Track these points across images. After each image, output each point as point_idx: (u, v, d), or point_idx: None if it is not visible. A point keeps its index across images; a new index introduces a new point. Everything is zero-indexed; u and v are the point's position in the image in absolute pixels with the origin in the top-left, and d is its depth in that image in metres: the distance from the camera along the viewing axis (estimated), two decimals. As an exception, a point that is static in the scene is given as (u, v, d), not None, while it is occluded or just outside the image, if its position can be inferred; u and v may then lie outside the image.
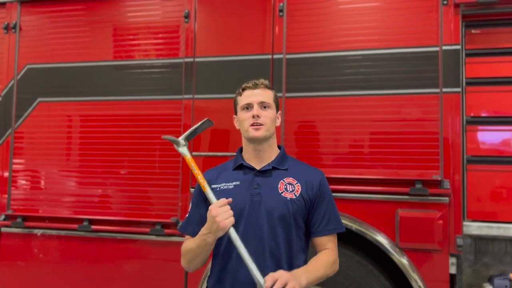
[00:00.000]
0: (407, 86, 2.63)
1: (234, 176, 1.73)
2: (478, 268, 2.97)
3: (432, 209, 2.53)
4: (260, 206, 1.64)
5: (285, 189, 1.68)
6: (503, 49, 2.66)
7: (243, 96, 1.75)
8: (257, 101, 1.71)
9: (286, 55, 2.82)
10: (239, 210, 1.63)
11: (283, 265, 1.62)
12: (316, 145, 2.73)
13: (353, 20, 2.76)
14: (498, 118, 2.64)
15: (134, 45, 3.13)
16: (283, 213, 1.64)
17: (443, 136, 2.54)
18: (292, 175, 1.71)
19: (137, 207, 3.00)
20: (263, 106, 1.71)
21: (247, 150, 1.76)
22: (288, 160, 1.79)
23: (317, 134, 2.74)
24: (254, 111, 1.69)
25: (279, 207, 1.64)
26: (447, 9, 2.59)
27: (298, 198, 1.66)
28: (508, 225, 2.56)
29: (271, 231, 1.63)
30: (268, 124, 1.70)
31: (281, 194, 1.66)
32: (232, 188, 1.69)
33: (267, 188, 1.68)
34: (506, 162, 2.61)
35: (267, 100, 1.73)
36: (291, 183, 1.69)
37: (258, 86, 1.74)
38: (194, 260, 1.68)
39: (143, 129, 3.03)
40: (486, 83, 2.66)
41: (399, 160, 2.61)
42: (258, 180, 1.69)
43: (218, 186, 1.72)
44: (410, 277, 2.52)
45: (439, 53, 2.58)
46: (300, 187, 1.69)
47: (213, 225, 1.53)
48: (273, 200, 1.65)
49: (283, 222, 1.64)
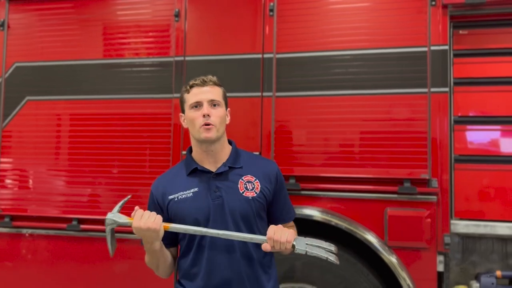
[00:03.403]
0: (396, 86, 2.65)
1: (190, 183, 1.68)
2: (465, 266, 3.00)
3: (420, 207, 2.56)
4: (224, 209, 1.64)
5: (245, 189, 1.67)
6: (491, 50, 2.70)
7: (191, 93, 1.68)
8: (206, 99, 1.65)
9: (276, 55, 2.83)
10: (204, 216, 1.63)
11: (253, 258, 1.66)
12: (305, 145, 2.74)
13: (342, 20, 2.78)
14: (485, 118, 2.68)
15: (124, 44, 3.11)
16: (247, 212, 1.65)
17: (431, 136, 2.57)
18: (249, 172, 1.70)
19: (127, 207, 2.98)
20: (213, 104, 1.67)
21: (198, 151, 1.71)
22: (242, 156, 1.77)
23: (307, 133, 2.75)
24: (204, 110, 1.63)
25: (243, 207, 1.65)
26: (435, 10, 2.62)
27: (259, 195, 1.67)
28: (494, 223, 2.60)
29: (237, 230, 1.63)
30: (218, 124, 1.66)
31: (242, 194, 1.66)
32: (191, 196, 1.65)
33: (227, 190, 1.66)
34: (493, 161, 2.65)
35: (217, 97, 1.68)
36: (250, 181, 1.68)
37: (207, 83, 1.68)
38: (158, 267, 1.71)
39: (133, 128, 3.01)
40: (474, 83, 2.69)
41: (388, 159, 2.63)
42: (216, 183, 1.67)
43: (175, 196, 1.67)
44: (399, 275, 2.55)
45: (428, 53, 2.60)
46: (259, 184, 1.69)
47: (146, 236, 1.55)
48: (236, 201, 1.65)
49: (248, 220, 1.66)
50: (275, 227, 1.55)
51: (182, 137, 2.90)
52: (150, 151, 2.97)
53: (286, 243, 1.52)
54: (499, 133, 2.68)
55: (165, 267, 1.73)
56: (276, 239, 1.51)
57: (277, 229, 1.54)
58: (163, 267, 1.72)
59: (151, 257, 1.68)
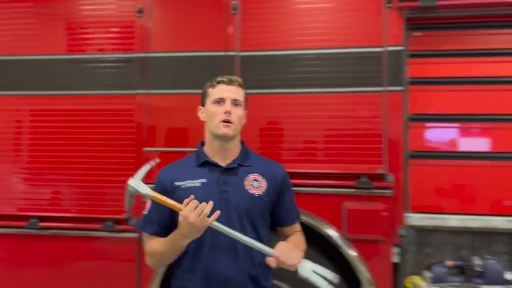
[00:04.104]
0: (354, 84, 2.74)
1: (199, 174, 1.73)
2: (420, 258, 3.13)
3: (377, 201, 2.66)
4: (228, 203, 1.68)
5: (251, 186, 1.72)
6: (443, 51, 2.82)
7: (216, 89, 1.74)
8: (230, 98, 1.71)
9: (240, 53, 2.87)
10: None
11: (255, 256, 1.70)
12: (267, 141, 2.80)
13: (305, 20, 2.85)
14: (438, 116, 2.80)
15: (87, 39, 3.07)
16: (251, 208, 1.70)
17: (387, 133, 2.68)
18: (257, 171, 1.76)
19: (89, 203, 2.96)
20: (235, 104, 1.72)
21: (212, 145, 1.76)
22: (251, 156, 1.83)
23: (269, 130, 2.81)
24: (227, 107, 1.69)
25: (247, 203, 1.69)
26: (391, 12, 2.72)
27: (264, 194, 1.73)
28: (447, 216, 2.72)
29: (241, 226, 1.67)
30: (237, 123, 1.72)
31: (248, 191, 1.71)
32: (199, 186, 1.69)
33: (234, 185, 1.71)
34: (445, 157, 2.77)
35: (240, 98, 1.74)
36: (256, 179, 1.74)
37: (233, 82, 1.74)
38: (163, 261, 1.73)
39: (95, 124, 2.98)
40: (427, 82, 2.81)
41: (347, 155, 2.72)
42: (224, 177, 1.71)
43: (183, 183, 1.71)
44: (357, 269, 2.64)
45: (384, 53, 2.71)
46: (265, 183, 1.74)
47: (190, 231, 1.53)
48: (241, 197, 1.69)
49: (251, 217, 1.70)
50: (284, 246, 1.59)
51: (145, 134, 2.90)
52: (112, 148, 2.95)
53: (291, 266, 1.56)
54: (451, 130, 2.80)
55: (170, 261, 1.72)
56: (283, 260, 1.55)
57: (285, 249, 1.58)
58: (170, 261, 1.72)
59: (169, 250, 1.64)
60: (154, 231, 1.73)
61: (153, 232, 1.74)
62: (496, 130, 2.74)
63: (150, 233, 1.75)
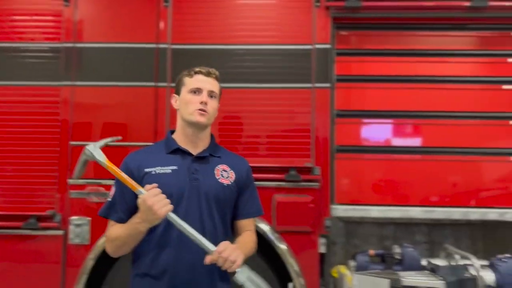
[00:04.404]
0: (284, 80, 2.82)
1: (170, 160, 1.73)
2: (348, 249, 3.29)
3: (305, 194, 2.74)
4: (199, 191, 1.70)
5: (221, 175, 1.76)
6: (368, 50, 2.98)
7: (194, 79, 1.76)
8: (207, 89, 1.74)
9: (171, 46, 2.85)
10: (179, 195, 1.67)
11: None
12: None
13: (237, 16, 2.89)
14: (363, 112, 2.94)
15: (11, 27, 2.92)
16: (221, 197, 1.73)
17: (315, 127, 2.78)
18: (225, 163, 1.80)
19: (10, 200, 2.80)
20: (211, 95, 1.75)
21: (184, 133, 1.77)
22: (220, 149, 1.87)
23: (200, 123, 2.81)
24: (203, 97, 1.72)
25: (217, 192, 1.72)
26: (320, 11, 2.83)
27: (232, 184, 1.77)
28: (369, 207, 2.86)
29: (210, 214, 1.70)
30: (212, 114, 1.76)
31: (218, 180, 1.74)
32: (170, 173, 1.70)
33: (205, 174, 1.73)
34: (369, 151, 2.92)
35: (216, 90, 1.79)
36: (225, 170, 1.78)
37: (211, 74, 1.78)
38: (122, 247, 1.68)
39: (18, 117, 2.84)
40: (353, 80, 2.95)
41: (277, 149, 2.80)
42: (195, 165, 1.73)
43: (153, 169, 1.70)
44: (287, 262, 2.71)
45: (313, 51, 2.80)
46: (233, 174, 1.79)
47: (148, 215, 1.53)
48: (211, 185, 1.72)
49: (220, 206, 1.73)
50: (228, 244, 1.58)
51: (71, 128, 2.80)
52: (36, 141, 2.81)
53: (231, 264, 1.54)
54: (375, 126, 2.97)
55: (130, 248, 1.69)
56: (225, 255, 1.53)
57: (229, 247, 1.56)
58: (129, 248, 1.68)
59: (128, 235, 1.62)
60: (118, 218, 1.70)
61: (117, 218, 1.70)
62: (416, 126, 2.93)
63: (114, 219, 1.71)
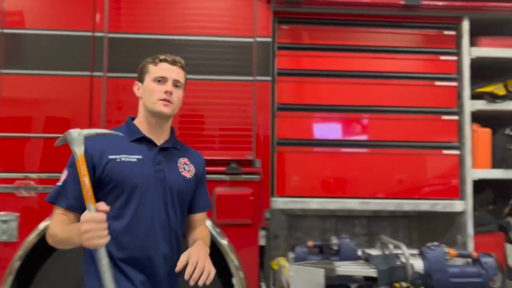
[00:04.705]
0: (226, 73, 2.81)
1: (135, 149, 1.69)
2: (290, 242, 3.33)
3: (245, 186, 2.75)
4: (164, 183, 1.69)
5: (183, 169, 1.76)
6: (308, 45, 3.02)
7: (158, 67, 1.71)
8: (172, 78, 1.70)
9: (108, 34, 2.74)
10: (145, 184, 1.65)
11: (179, 237, 1.76)
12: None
13: (177, 6, 2.83)
14: (303, 105, 2.98)
15: None
16: (184, 190, 1.74)
17: (256, 121, 2.79)
18: (185, 156, 1.81)
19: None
20: (176, 85, 1.72)
21: (148, 122, 1.73)
22: (177, 141, 1.86)
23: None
24: (168, 87, 1.69)
25: (180, 185, 1.72)
26: (261, 4, 2.84)
27: (192, 178, 1.78)
28: (309, 199, 2.92)
29: (173, 206, 1.70)
30: (176, 104, 1.73)
31: (181, 173, 1.75)
32: (135, 162, 1.66)
33: (169, 166, 1.73)
34: (308, 144, 2.97)
35: (181, 79, 1.75)
36: (186, 164, 1.79)
37: (176, 63, 1.74)
38: (61, 245, 1.61)
39: None
40: (294, 74, 2.99)
41: (219, 142, 2.79)
42: (159, 157, 1.72)
43: (118, 156, 1.64)
44: (228, 257, 2.70)
45: (254, 44, 2.81)
46: (193, 168, 1.80)
47: (80, 238, 1.41)
48: (175, 178, 1.72)
49: (181, 199, 1.74)
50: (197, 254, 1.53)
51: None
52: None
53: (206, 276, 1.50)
54: (314, 119, 3.01)
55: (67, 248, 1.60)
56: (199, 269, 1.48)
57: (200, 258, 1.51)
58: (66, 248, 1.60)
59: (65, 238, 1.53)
60: (68, 205, 1.59)
61: (67, 205, 1.59)
62: (350, 120, 3.01)
63: (63, 206, 1.59)
